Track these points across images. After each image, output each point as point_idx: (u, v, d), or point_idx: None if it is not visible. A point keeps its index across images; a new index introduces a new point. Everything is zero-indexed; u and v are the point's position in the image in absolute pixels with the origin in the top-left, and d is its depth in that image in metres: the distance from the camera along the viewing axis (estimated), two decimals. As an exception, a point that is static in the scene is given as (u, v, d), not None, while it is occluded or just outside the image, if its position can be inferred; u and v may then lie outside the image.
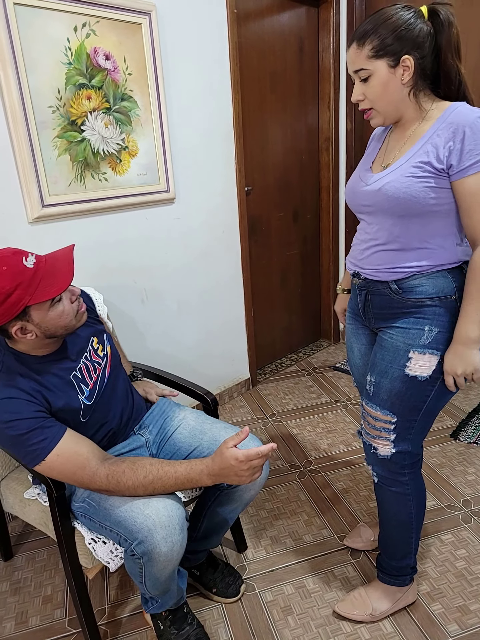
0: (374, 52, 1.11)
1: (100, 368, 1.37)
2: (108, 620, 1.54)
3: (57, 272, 1.15)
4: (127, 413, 1.45)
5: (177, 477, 1.18)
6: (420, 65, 1.13)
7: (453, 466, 2.15)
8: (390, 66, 1.11)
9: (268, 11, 2.65)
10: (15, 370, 1.20)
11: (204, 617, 1.54)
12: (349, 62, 1.16)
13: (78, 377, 1.30)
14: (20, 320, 1.13)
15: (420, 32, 1.10)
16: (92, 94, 1.87)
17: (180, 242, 2.37)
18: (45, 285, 1.13)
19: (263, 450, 1.15)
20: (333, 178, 3.20)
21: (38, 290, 1.12)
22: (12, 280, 1.08)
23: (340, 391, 2.89)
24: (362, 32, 1.12)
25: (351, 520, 1.88)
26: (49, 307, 1.16)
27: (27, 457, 1.17)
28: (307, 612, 1.53)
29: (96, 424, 1.35)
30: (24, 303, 1.11)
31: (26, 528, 1.93)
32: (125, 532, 1.18)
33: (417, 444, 1.35)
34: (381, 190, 1.18)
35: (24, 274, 1.10)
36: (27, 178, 1.73)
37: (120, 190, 2.04)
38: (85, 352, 1.35)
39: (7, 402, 1.15)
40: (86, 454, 1.19)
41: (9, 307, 1.09)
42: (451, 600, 1.54)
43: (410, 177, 1.13)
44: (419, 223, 1.18)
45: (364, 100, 1.18)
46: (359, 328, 1.46)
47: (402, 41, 1.09)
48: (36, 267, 1.13)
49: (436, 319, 1.22)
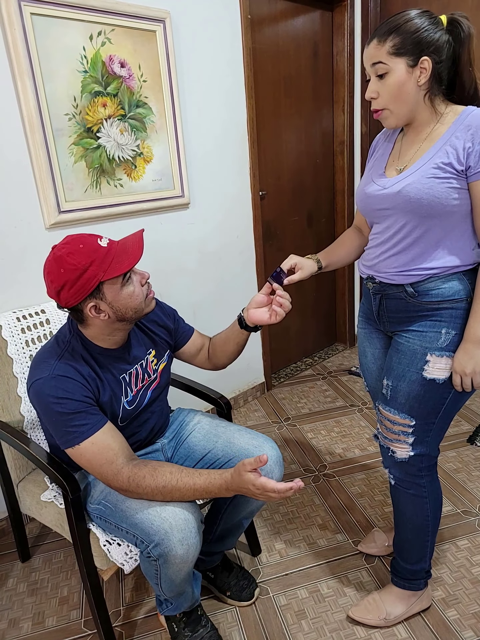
0: (395, 49, 1.12)
1: (149, 380, 1.41)
2: (123, 622, 1.56)
3: (128, 250, 1.22)
4: (157, 428, 1.49)
5: (196, 489, 1.19)
6: (437, 70, 1.14)
7: (470, 471, 2.12)
8: (409, 66, 1.12)
9: (282, 16, 2.67)
10: (79, 353, 1.25)
11: (218, 620, 1.54)
12: (367, 57, 1.17)
13: (127, 379, 1.34)
14: (95, 298, 1.19)
15: (440, 38, 1.12)
16: (108, 101, 1.90)
17: (195, 247, 2.38)
18: (117, 262, 1.19)
19: (280, 488, 1.12)
20: (348, 181, 3.19)
21: (111, 266, 1.18)
22: (87, 257, 1.15)
23: (356, 395, 2.88)
24: (385, 29, 1.13)
25: (366, 525, 1.87)
26: (120, 286, 1.21)
27: (63, 437, 1.20)
28: (320, 617, 1.53)
29: (129, 433, 1.37)
30: (98, 279, 1.16)
31: (43, 530, 1.96)
32: (142, 534, 1.19)
33: (435, 447, 1.35)
34: (401, 192, 1.18)
35: (98, 252, 1.17)
36: (44, 185, 1.76)
37: (136, 196, 2.06)
38: (142, 361, 1.39)
39: (64, 380, 1.19)
40: (117, 450, 1.21)
41: (85, 282, 1.15)
42: (467, 607, 1.52)
43: (432, 178, 1.14)
44: (439, 224, 1.18)
45: (378, 99, 1.19)
46: (372, 332, 1.45)
47: (423, 43, 1.11)
48: (109, 246, 1.20)
49: (453, 321, 1.22)
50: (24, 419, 1.54)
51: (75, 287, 1.16)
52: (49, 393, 1.17)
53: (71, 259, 1.15)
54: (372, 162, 1.37)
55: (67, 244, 1.18)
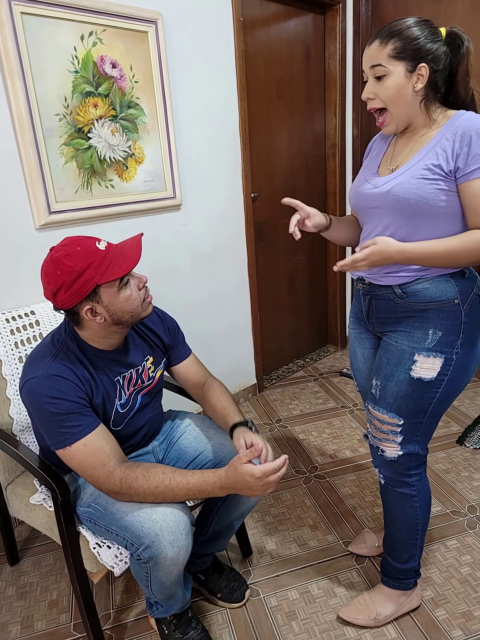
0: (395, 52, 1.14)
1: (141, 385, 1.40)
2: (113, 625, 1.55)
3: (125, 254, 1.21)
4: (150, 433, 1.48)
5: (189, 488, 1.19)
6: (434, 78, 1.17)
7: (459, 472, 2.14)
8: (407, 70, 1.15)
9: (274, 19, 2.67)
10: (74, 353, 1.25)
11: (208, 621, 1.54)
12: (367, 57, 1.19)
13: (120, 382, 1.34)
14: (91, 301, 1.19)
15: (439, 48, 1.15)
16: (99, 102, 1.89)
17: (187, 248, 2.38)
18: (114, 265, 1.19)
19: (279, 463, 1.15)
20: (340, 184, 3.21)
21: (108, 270, 1.17)
22: (85, 260, 1.15)
23: (347, 397, 2.88)
24: (387, 32, 1.15)
25: (356, 525, 1.88)
26: (117, 290, 1.21)
27: (55, 438, 1.19)
28: (311, 618, 1.53)
29: (123, 438, 1.37)
30: (94, 282, 1.16)
31: (32, 533, 1.94)
32: (132, 536, 1.19)
33: (423, 446, 1.36)
34: (391, 191, 1.20)
35: (95, 255, 1.17)
36: (34, 185, 1.75)
37: (127, 197, 2.06)
38: (139, 367, 1.39)
39: (58, 379, 1.18)
40: (109, 452, 1.20)
41: (81, 285, 1.15)
42: (455, 606, 1.53)
43: (421, 178, 1.16)
44: (426, 225, 1.20)
45: (375, 100, 1.20)
46: (362, 333, 1.47)
47: (422, 51, 1.14)
48: (107, 250, 1.20)
49: (440, 322, 1.23)
50: (12, 422, 1.53)
51: (71, 289, 1.15)
52: (43, 392, 1.17)
53: (68, 261, 1.14)
54: (366, 161, 1.40)
55: (64, 245, 1.18)
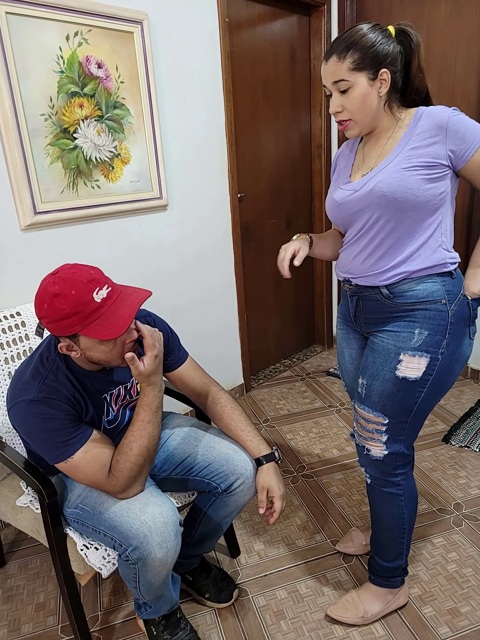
0: (355, 64, 1.15)
1: (129, 399, 1.40)
2: (101, 627, 1.54)
3: (117, 317, 1.14)
4: None
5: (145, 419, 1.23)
6: (394, 79, 1.20)
7: (445, 470, 2.16)
8: (369, 79, 1.17)
9: (260, 20, 2.68)
10: (63, 372, 1.24)
11: (197, 622, 1.54)
12: (327, 74, 1.20)
13: (108, 399, 1.33)
14: (69, 340, 1.16)
15: (393, 49, 1.18)
16: (85, 102, 1.89)
17: (174, 249, 2.38)
18: (100, 324, 1.12)
19: None
20: (325, 184, 3.22)
21: (92, 326, 1.12)
22: (73, 307, 1.10)
23: (334, 396, 2.90)
24: (343, 45, 1.16)
25: (344, 524, 1.89)
26: (99, 342, 1.16)
27: (54, 452, 1.19)
28: (299, 617, 1.54)
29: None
30: (75, 330, 1.13)
31: (19, 535, 1.93)
32: (120, 537, 1.19)
33: (409, 445, 1.37)
34: (374, 189, 1.21)
35: (86, 306, 1.11)
36: (19, 185, 1.74)
37: (113, 198, 2.05)
38: (127, 383, 1.38)
39: (48, 401, 1.18)
40: (109, 452, 1.23)
41: (62, 327, 1.12)
42: (442, 603, 1.55)
43: (402, 170, 1.18)
44: (412, 217, 1.21)
45: (343, 112, 1.22)
46: (349, 333, 1.48)
47: (380, 56, 1.16)
48: (101, 303, 1.13)
49: (426, 322, 1.25)
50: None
51: (53, 325, 1.13)
52: (34, 415, 1.17)
53: (57, 302, 1.10)
54: (336, 174, 1.41)
55: (64, 282, 1.11)
